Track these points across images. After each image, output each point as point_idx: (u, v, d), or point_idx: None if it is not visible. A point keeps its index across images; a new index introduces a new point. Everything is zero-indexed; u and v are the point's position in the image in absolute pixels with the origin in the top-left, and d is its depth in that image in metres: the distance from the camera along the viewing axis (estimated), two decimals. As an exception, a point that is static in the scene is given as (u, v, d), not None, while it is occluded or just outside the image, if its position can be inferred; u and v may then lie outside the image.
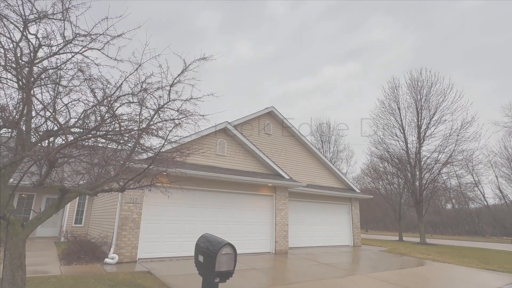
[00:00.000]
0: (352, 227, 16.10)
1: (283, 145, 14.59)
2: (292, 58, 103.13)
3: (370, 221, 46.50)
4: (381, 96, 30.24)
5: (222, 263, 3.01)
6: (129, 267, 7.85)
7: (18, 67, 3.75)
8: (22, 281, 3.88)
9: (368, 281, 7.30)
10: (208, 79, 6.79)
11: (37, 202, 15.94)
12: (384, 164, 26.09)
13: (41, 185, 3.40)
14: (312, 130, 43.29)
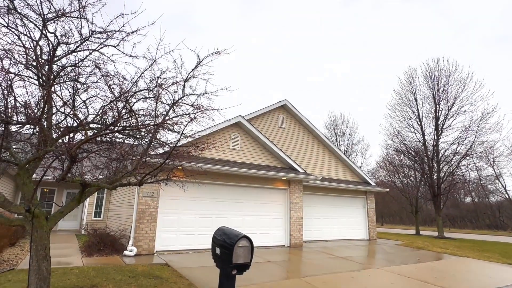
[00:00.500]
0: (368, 221, 15.94)
1: (296, 139, 14.52)
2: (305, 52, 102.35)
3: (386, 215, 45.93)
4: (397, 87, 29.57)
5: (239, 255, 3.05)
6: (147, 259, 8.05)
7: (39, 65, 3.85)
8: (48, 272, 4.04)
9: (385, 275, 7.24)
10: (223, 73, 6.80)
11: (58, 197, 16.49)
12: (400, 157, 25.64)
13: (63, 180, 3.51)
14: (326, 123, 42.88)
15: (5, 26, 3.59)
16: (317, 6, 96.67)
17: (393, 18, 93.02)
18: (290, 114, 14.58)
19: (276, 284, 6.06)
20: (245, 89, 21.17)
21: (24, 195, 4.10)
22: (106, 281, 5.42)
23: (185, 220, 9.77)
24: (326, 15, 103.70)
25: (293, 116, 14.66)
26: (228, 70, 70.28)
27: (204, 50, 5.08)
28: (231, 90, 5.19)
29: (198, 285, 5.60)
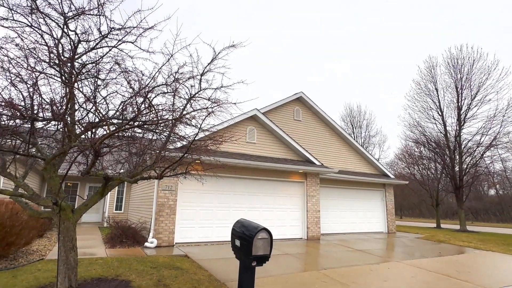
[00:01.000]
0: (386, 214, 15.70)
1: (313, 131, 14.39)
2: (320, 45, 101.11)
3: (405, 208, 45.09)
4: (417, 77, 28.65)
5: (258, 247, 3.08)
6: (167, 250, 8.26)
7: (61, 63, 3.97)
8: (75, 262, 4.22)
9: (405, 268, 7.14)
10: (239, 66, 6.80)
11: (81, 190, 17.09)
12: (420, 149, 25.00)
13: (88, 174, 3.63)
14: (342, 115, 42.22)
15: (29, 26, 3.71)
16: (317, 6, 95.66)
17: (393, 18, 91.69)
18: (306, 106, 14.44)
19: (294, 276, 6.09)
20: (245, 89, 20.92)
21: (51, 188, 4.27)
22: (129, 272, 5.60)
23: (203, 213, 9.93)
24: (326, 15, 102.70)
25: (309, 109, 14.51)
26: (232, 69, 70.33)
27: (219, 44, 5.09)
28: (247, 83, 5.18)
29: (217, 276, 5.71)
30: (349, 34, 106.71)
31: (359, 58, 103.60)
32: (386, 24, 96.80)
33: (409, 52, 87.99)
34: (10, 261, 6.12)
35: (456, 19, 76.52)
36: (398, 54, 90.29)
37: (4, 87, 3.93)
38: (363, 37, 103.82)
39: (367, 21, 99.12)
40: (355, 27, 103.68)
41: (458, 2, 71.48)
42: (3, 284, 4.61)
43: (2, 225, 5.87)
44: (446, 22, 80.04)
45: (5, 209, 6.07)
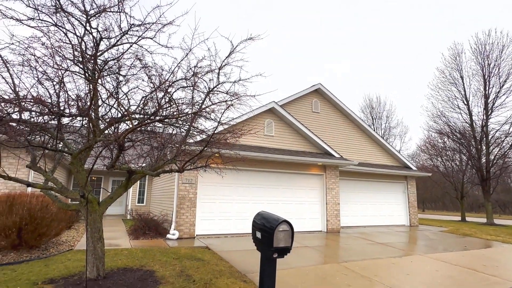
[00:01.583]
0: (408, 206, 15.35)
1: (332, 123, 14.18)
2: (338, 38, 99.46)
3: (427, 201, 43.91)
4: (441, 65, 27.53)
5: (279, 239, 3.09)
6: (188, 242, 8.44)
7: (84, 60, 4.08)
8: (102, 252, 4.40)
9: (428, 262, 6.97)
10: (258, 59, 6.78)
11: (104, 184, 17.69)
12: (443, 139, 24.14)
13: (112, 167, 3.75)
14: (361, 106, 41.30)
15: (54, 25, 3.82)
16: (317, 6, 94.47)
17: (393, 18, 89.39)
18: (324, 98, 14.22)
19: (314, 268, 6.09)
20: (261, 83, 20.64)
21: (78, 182, 4.45)
22: (153, 262, 5.77)
23: (222, 206, 10.06)
24: (326, 15, 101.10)
25: (327, 100, 14.29)
26: (249, 62, 70.22)
27: (238, 37, 5.06)
28: (265, 76, 5.15)
29: (238, 267, 5.79)
30: (349, 34, 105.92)
31: (359, 58, 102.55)
32: (386, 24, 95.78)
33: (409, 52, 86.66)
34: (42, 251, 6.45)
35: (456, 19, 74.93)
36: (398, 54, 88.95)
37: (32, 85, 4.10)
38: (363, 37, 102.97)
39: (367, 21, 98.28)
40: (355, 27, 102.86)
41: (458, 2, 69.02)
42: (36, 272, 4.87)
43: (34, 217, 6.18)
44: (446, 22, 78.50)
45: (36, 201, 6.38)
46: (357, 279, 5.41)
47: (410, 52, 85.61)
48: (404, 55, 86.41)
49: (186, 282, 4.61)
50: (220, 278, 4.93)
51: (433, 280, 5.59)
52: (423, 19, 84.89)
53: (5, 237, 5.99)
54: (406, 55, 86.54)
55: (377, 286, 5.04)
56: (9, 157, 7.56)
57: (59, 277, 4.60)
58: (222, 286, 4.54)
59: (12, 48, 4.03)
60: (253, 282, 4.91)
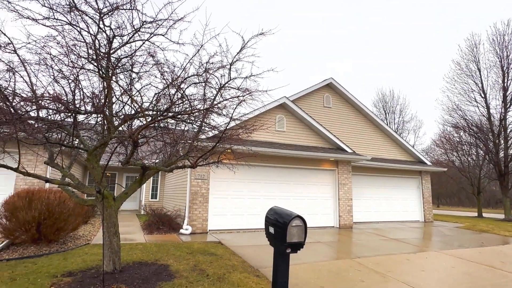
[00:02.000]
0: (423, 202, 15.09)
1: (344, 118, 14.02)
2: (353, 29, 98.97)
3: (442, 196, 43.06)
4: (457, 57, 26.76)
5: (293, 234, 3.08)
6: (201, 237, 8.54)
7: (98, 58, 4.14)
8: (118, 246, 4.49)
9: (444, 258, 6.86)
10: (269, 56, 6.75)
11: (118, 180, 18.05)
12: (459, 134, 23.57)
13: (127, 163, 3.81)
14: (374, 100, 40.66)
15: (69, 23, 3.89)
16: (319, 5, 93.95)
17: (395, 17, 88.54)
18: (336, 92, 14.05)
19: (327, 263, 6.07)
20: (272, 79, 20.35)
21: (94, 178, 4.54)
22: (167, 256, 5.87)
23: (234, 201, 10.12)
24: (328, 14, 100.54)
25: (339, 95, 14.11)
26: (260, 57, 70.19)
27: (248, 33, 5.04)
28: (277, 71, 5.12)
29: (251, 262, 5.82)
30: (351, 33, 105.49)
31: (361, 57, 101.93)
32: (388, 23, 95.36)
33: (411, 51, 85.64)
34: (60, 245, 6.64)
35: (458, 18, 73.81)
36: (400, 53, 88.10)
37: (49, 83, 4.19)
38: (365, 36, 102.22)
39: (369, 20, 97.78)
40: (357, 26, 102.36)
41: (460, 1, 67.50)
42: (56, 265, 5.03)
43: (52, 212, 6.36)
44: (448, 21, 77.56)
45: (54, 197, 6.56)
46: (371, 274, 5.37)
47: (412, 51, 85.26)
48: (406, 54, 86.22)
49: (200, 276, 4.67)
50: (233, 273, 4.97)
51: (449, 276, 5.49)
52: (425, 18, 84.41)
53: (25, 231, 6.19)
54: (408, 54, 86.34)
55: (391, 282, 4.99)
56: (28, 154, 7.78)
57: (77, 270, 4.74)
58: (235, 280, 4.58)
59: (29, 47, 4.13)
60: (266, 277, 4.93)
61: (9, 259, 5.43)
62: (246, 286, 4.36)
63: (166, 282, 4.33)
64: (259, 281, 4.68)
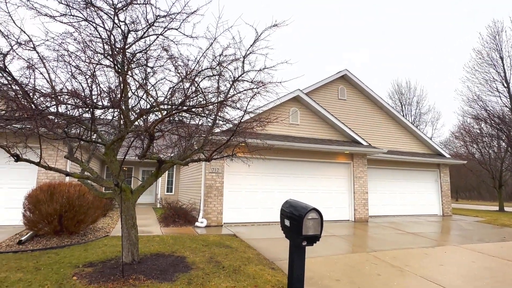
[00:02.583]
0: (441, 195, 14.74)
1: (359, 110, 13.77)
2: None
3: (461, 190, 41.95)
4: (477, 45, 25.77)
5: (308, 227, 3.07)
6: (216, 230, 8.64)
7: (114, 53, 4.20)
8: (136, 238, 4.59)
9: (463, 253, 6.69)
10: (282, 47, 6.67)
11: (135, 174, 18.41)
12: (480, 125, 22.79)
13: (144, 157, 3.87)
14: (390, 92, 39.79)
15: (85, 19, 3.95)
16: None
17: (412, 7, 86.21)
18: (351, 84, 13.80)
19: (343, 257, 6.03)
20: (285, 71, 20.01)
21: (111, 172, 4.64)
22: (183, 249, 5.97)
23: (248, 195, 10.16)
24: (345, 4, 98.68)
25: (354, 87, 13.86)
26: (274, 49, 69.84)
27: (261, 25, 4.98)
28: (291, 63, 5.05)
29: (266, 255, 5.85)
30: (368, 23, 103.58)
31: (378, 47, 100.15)
32: (405, 14, 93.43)
33: (427, 41, 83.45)
34: (81, 236, 6.86)
35: (474, 8, 71.26)
36: (416, 43, 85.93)
37: (67, 79, 4.28)
38: (382, 26, 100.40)
39: (386, 10, 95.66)
40: (374, 16, 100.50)
41: None
42: (77, 256, 5.19)
43: (72, 205, 6.55)
44: (465, 11, 75.15)
45: (74, 190, 6.75)
46: (387, 268, 5.30)
47: (428, 42, 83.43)
48: (422, 45, 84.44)
49: (216, 268, 4.73)
50: (248, 265, 5.01)
51: (470, 271, 5.36)
52: (441, 8, 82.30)
53: (47, 223, 6.42)
54: (425, 44, 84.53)
55: (409, 277, 4.92)
56: (48, 149, 8.02)
57: (98, 261, 4.88)
58: (251, 272, 4.61)
59: (48, 44, 4.22)
60: (281, 270, 4.95)
61: (34, 250, 5.65)
62: (262, 278, 4.39)
63: (183, 273, 4.40)
64: (275, 273, 4.70)
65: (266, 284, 4.16)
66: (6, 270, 4.40)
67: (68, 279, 4.06)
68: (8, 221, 7.83)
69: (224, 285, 4.02)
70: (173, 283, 3.98)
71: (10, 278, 4.06)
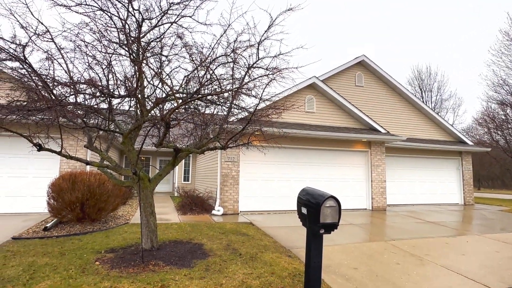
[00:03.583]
0: (463, 184, 14.29)
1: (377, 97, 13.41)
2: None
3: (484, 178, 40.57)
4: (505, 25, 24.38)
5: (326, 215, 3.02)
6: (232, 218, 8.72)
7: (129, 43, 4.20)
8: (155, 225, 4.68)
9: (487, 242, 6.49)
10: (295, 36, 6.50)
11: (152, 163, 18.76)
12: (505, 111, 21.79)
13: (160, 145, 3.90)
14: (409, 78, 38.53)
15: (99, 9, 3.95)
16: None
17: (417, 2, 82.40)
18: (368, 70, 13.41)
19: (360, 245, 5.97)
20: (301, 57, 19.43)
21: (129, 160, 4.72)
22: (201, 236, 6.06)
23: (264, 183, 10.17)
24: None
25: (372, 73, 13.46)
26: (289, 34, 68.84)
27: (276, 9, 4.85)
28: (306, 48, 4.92)
29: (282, 243, 5.86)
30: (373, 18, 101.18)
31: (383, 42, 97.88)
32: (410, 9, 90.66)
33: (433, 36, 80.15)
34: (102, 223, 7.08)
35: (479, 3, 67.92)
36: (421, 38, 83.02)
37: (85, 69, 4.33)
38: (387, 21, 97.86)
39: (391, 5, 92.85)
40: (379, 11, 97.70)
41: None
42: (99, 242, 5.37)
43: (93, 193, 6.75)
44: (470, 6, 71.70)
45: (94, 179, 6.94)
46: (407, 257, 5.21)
47: (434, 37, 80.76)
48: (427, 40, 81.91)
49: (233, 255, 4.77)
50: (265, 253, 5.04)
51: (493, 261, 5.19)
52: (446, 3, 79.38)
53: (70, 211, 6.65)
54: (430, 40, 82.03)
55: (429, 266, 4.81)
56: (69, 139, 8.25)
57: (118, 247, 5.03)
58: (267, 260, 4.64)
59: (64, 35, 4.27)
60: (298, 257, 4.95)
61: (58, 236, 5.88)
62: (279, 265, 4.40)
63: (201, 260, 4.47)
64: (291, 261, 4.71)
65: (283, 271, 4.17)
66: (33, 254, 4.60)
67: (91, 264, 4.20)
68: (34, 209, 8.18)
69: (241, 272, 4.06)
70: (191, 269, 4.05)
71: (37, 262, 4.24)
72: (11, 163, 8.35)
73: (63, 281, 3.59)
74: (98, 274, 3.82)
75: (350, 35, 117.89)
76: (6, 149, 8.28)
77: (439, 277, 4.35)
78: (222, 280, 3.75)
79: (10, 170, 8.33)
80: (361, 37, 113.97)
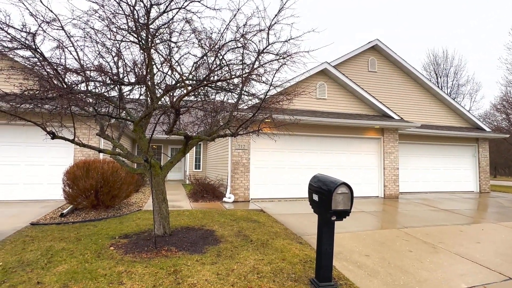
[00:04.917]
0: (479, 171, 13.96)
1: (391, 83, 13.06)
2: None
3: (501, 166, 39.55)
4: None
5: (338, 202, 2.98)
6: (243, 205, 8.78)
7: (138, 29, 4.16)
8: (167, 212, 4.74)
9: (503, 231, 6.35)
10: (309, 16, 6.32)
11: (164, 151, 18.98)
12: (525, 96, 20.96)
13: (171, 132, 3.90)
14: (424, 63, 37.39)
15: (107, -5, 3.90)
16: None
17: None
18: (382, 55, 13.03)
19: (372, 233, 5.93)
20: (312, 42, 18.86)
21: (141, 148, 4.75)
22: (212, 223, 6.12)
23: (275, 171, 10.16)
24: None
25: (386, 58, 13.07)
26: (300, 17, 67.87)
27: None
28: (318, 31, 4.78)
29: (293, 230, 5.87)
30: (381, 3, 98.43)
31: (392, 27, 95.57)
32: None
33: (441, 22, 77.12)
34: (116, 210, 7.23)
35: None
36: (430, 24, 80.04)
37: (94, 58, 4.33)
38: (396, 6, 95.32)
39: None
40: None
41: None
42: (113, 228, 5.49)
43: (107, 181, 6.87)
44: None
45: (108, 167, 7.06)
46: (419, 245, 5.14)
47: (443, 23, 78.09)
48: (437, 25, 79.31)
49: (244, 242, 4.81)
50: (276, 239, 5.06)
51: (510, 249, 5.08)
52: None
53: (85, 198, 6.81)
54: (439, 25, 79.51)
55: (443, 253, 4.75)
56: (82, 128, 8.38)
57: (132, 233, 5.13)
58: (278, 246, 4.65)
59: (74, 23, 4.26)
60: (309, 244, 4.95)
61: (74, 222, 6.05)
62: (290, 252, 4.41)
63: (212, 246, 4.53)
64: (302, 247, 4.71)
65: (294, 257, 4.18)
66: (50, 240, 4.74)
67: (105, 249, 4.30)
68: (51, 196, 8.42)
69: (253, 257, 4.09)
70: (203, 255, 4.10)
71: (55, 247, 4.37)
72: (28, 151, 8.56)
73: (79, 265, 3.69)
74: (113, 258, 3.91)
75: (358, 21, 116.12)
76: (23, 138, 8.48)
77: (453, 265, 4.29)
78: (233, 265, 3.79)
79: (27, 158, 8.55)
80: (370, 23, 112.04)
